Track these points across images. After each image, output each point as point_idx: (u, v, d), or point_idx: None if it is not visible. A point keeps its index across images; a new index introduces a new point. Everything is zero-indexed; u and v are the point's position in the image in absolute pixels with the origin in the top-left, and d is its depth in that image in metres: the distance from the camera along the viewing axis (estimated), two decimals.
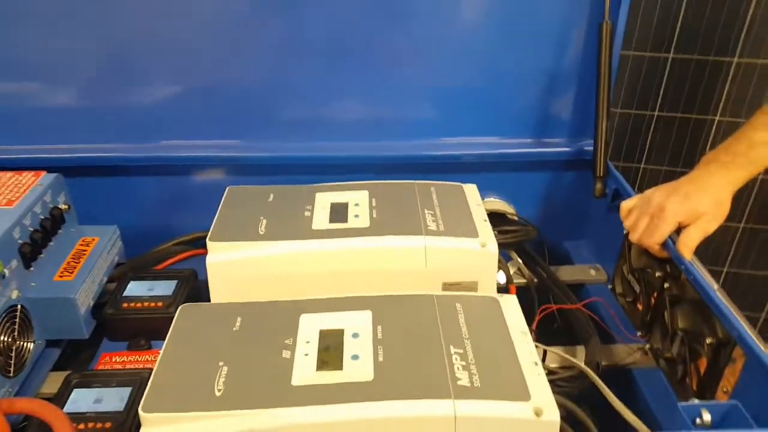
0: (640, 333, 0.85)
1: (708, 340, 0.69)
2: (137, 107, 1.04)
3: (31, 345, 0.77)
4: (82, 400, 0.69)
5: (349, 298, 0.70)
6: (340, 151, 1.07)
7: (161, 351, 0.64)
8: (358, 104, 1.07)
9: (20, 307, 0.75)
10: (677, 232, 0.79)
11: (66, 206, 0.87)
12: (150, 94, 1.04)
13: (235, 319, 0.68)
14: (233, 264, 0.77)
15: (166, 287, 0.86)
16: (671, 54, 1.36)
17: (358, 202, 0.86)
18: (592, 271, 1.01)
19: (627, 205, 0.87)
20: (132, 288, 0.86)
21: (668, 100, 1.41)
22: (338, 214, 0.83)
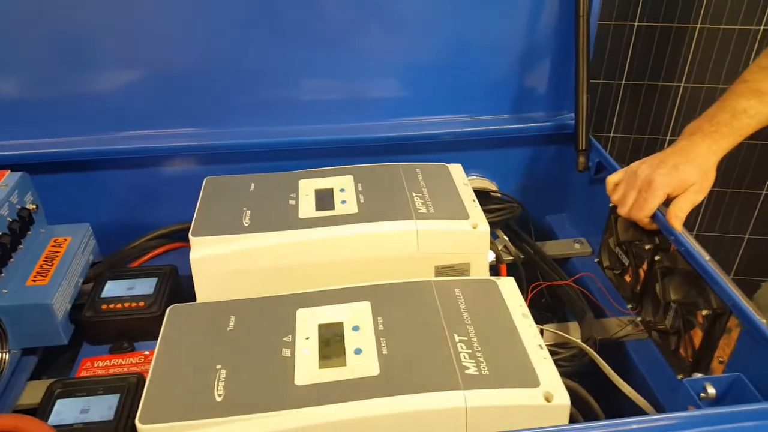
0: (630, 306, 0.86)
1: (703, 312, 0.70)
2: (93, 97, 0.98)
3: (6, 355, 0.73)
4: (68, 411, 0.66)
5: (346, 289, 0.68)
6: (315, 135, 1.04)
7: (153, 357, 0.61)
8: (330, 85, 1.04)
9: None
10: (665, 204, 0.79)
11: (34, 206, 0.82)
12: (106, 82, 0.97)
13: (228, 318, 0.65)
14: (219, 259, 0.74)
15: (147, 285, 0.83)
16: (636, 22, 1.37)
17: (343, 187, 0.83)
18: (577, 245, 1.01)
19: (613, 179, 0.86)
20: (110, 288, 0.83)
21: (634, 68, 1.42)
22: (324, 201, 0.81)
